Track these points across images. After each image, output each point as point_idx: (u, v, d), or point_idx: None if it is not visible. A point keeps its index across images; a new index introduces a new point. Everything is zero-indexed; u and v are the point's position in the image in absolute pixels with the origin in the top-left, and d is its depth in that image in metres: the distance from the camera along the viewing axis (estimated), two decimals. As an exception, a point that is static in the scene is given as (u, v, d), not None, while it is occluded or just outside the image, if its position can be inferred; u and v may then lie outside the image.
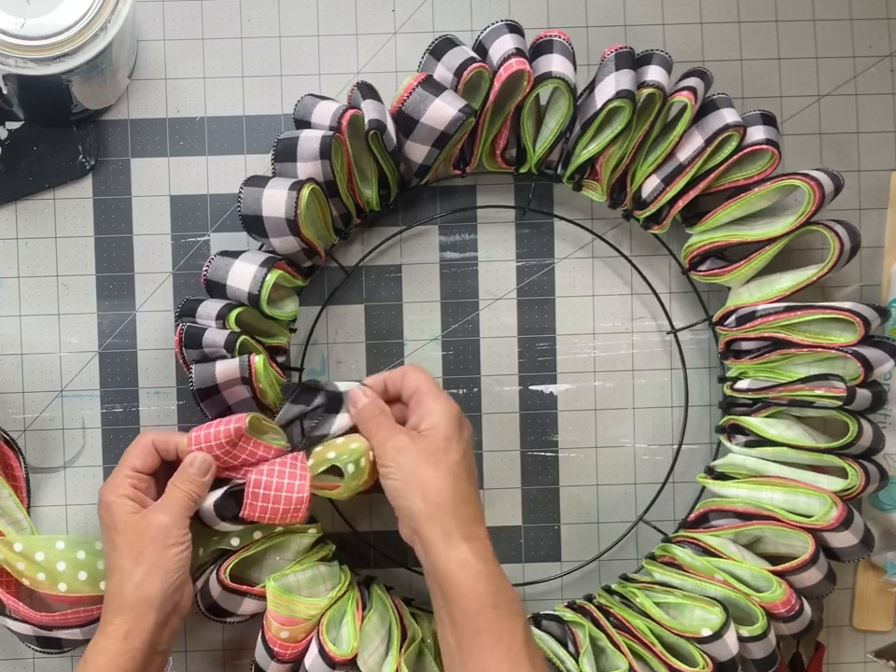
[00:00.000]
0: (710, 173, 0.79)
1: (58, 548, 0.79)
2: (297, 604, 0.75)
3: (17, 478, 0.82)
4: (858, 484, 0.78)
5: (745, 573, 0.79)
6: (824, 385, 0.78)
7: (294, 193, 0.75)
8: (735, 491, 0.81)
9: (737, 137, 0.78)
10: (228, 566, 0.77)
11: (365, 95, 0.77)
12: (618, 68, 0.77)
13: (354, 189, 0.80)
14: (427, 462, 0.73)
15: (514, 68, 0.75)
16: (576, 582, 0.87)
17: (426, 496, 0.72)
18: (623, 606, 0.82)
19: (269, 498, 0.74)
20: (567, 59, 0.78)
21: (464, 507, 0.73)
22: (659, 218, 0.83)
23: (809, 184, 0.77)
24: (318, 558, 0.80)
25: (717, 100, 0.79)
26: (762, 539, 0.81)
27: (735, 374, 0.84)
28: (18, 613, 0.79)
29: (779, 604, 0.77)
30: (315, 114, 0.78)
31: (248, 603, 0.78)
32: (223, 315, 0.77)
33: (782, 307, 0.79)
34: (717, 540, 0.81)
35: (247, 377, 0.76)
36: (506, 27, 0.78)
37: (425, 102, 0.76)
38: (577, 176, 0.83)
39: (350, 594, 0.79)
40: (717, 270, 0.82)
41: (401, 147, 0.79)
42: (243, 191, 0.77)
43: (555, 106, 0.80)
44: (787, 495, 0.79)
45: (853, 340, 0.78)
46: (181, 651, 0.85)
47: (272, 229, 0.77)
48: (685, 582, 0.80)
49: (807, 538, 0.77)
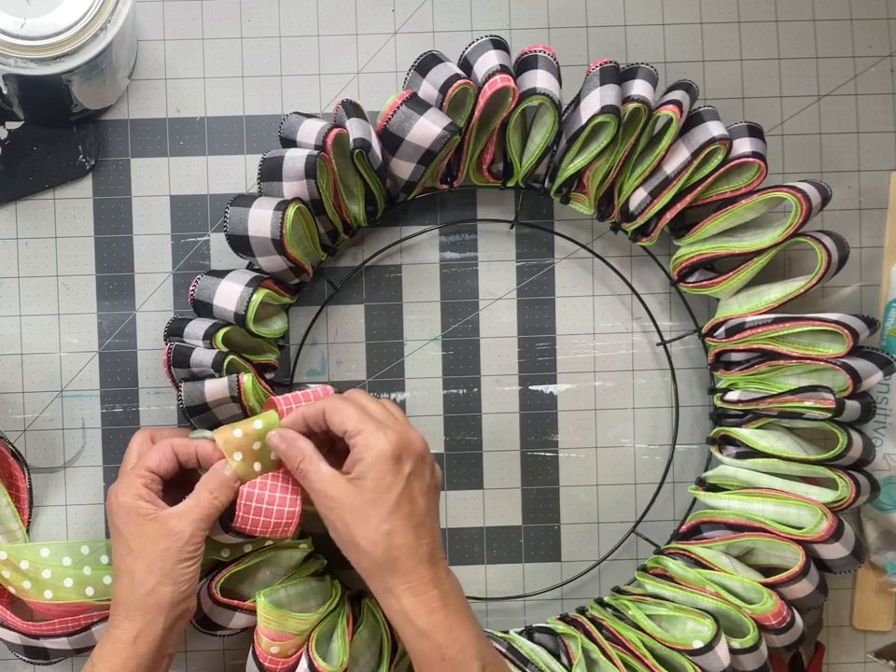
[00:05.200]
0: (697, 185, 0.79)
1: (42, 556, 0.79)
2: (287, 619, 0.75)
3: (20, 489, 0.82)
4: (848, 496, 0.78)
5: (736, 585, 0.79)
6: (813, 397, 0.78)
7: (279, 213, 0.75)
8: (727, 502, 0.81)
9: (724, 150, 0.78)
10: (219, 580, 0.77)
11: (350, 114, 0.77)
12: (602, 83, 0.77)
13: (340, 206, 0.80)
14: (357, 519, 0.69)
15: (499, 85, 0.76)
16: (573, 591, 0.87)
17: (360, 555, 0.70)
18: (616, 618, 0.82)
19: (261, 511, 0.74)
20: (551, 74, 0.78)
21: (404, 558, 0.69)
22: (647, 231, 0.83)
23: (796, 196, 0.77)
24: (309, 573, 0.80)
25: (703, 112, 0.80)
26: (753, 551, 0.81)
27: (725, 385, 0.84)
28: (6, 622, 0.79)
29: (770, 616, 0.77)
30: (301, 132, 0.78)
31: (239, 617, 0.78)
32: (210, 334, 0.77)
33: (771, 319, 0.80)
34: (709, 552, 0.81)
35: (237, 396, 0.76)
36: (490, 43, 0.78)
37: (409, 120, 0.76)
38: (564, 190, 0.83)
39: (341, 609, 0.79)
40: (706, 281, 0.82)
41: (387, 165, 0.79)
42: (229, 211, 0.77)
43: (541, 121, 0.80)
44: (778, 506, 0.79)
45: (842, 351, 0.78)
46: (181, 651, 0.85)
47: (258, 248, 0.77)
48: (677, 595, 0.80)
49: (798, 549, 0.77)
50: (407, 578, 0.69)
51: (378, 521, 0.69)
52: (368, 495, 0.69)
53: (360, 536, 0.69)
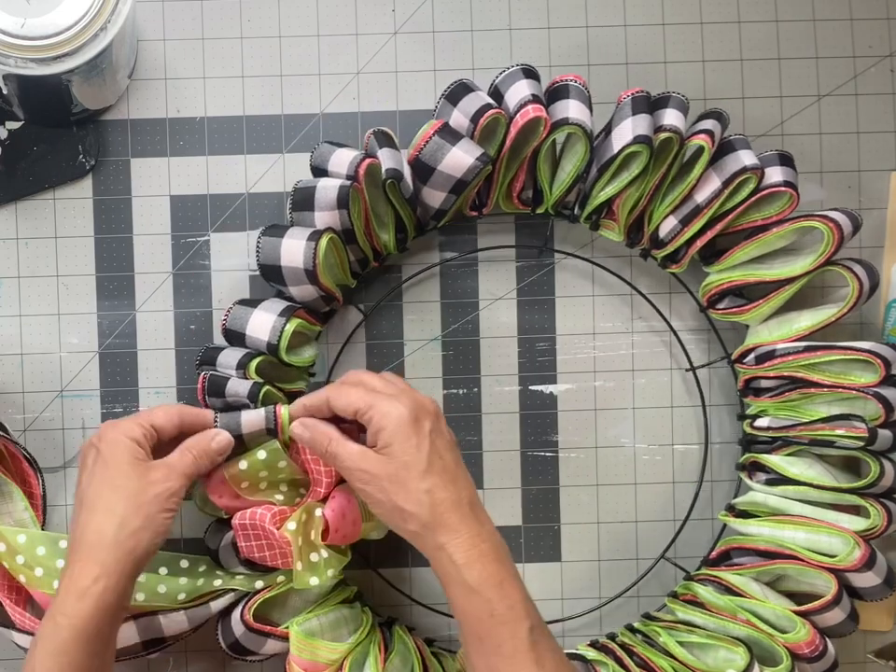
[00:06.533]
0: (728, 214, 0.79)
1: (61, 546, 0.79)
2: (320, 648, 0.75)
3: (34, 496, 0.82)
4: (880, 524, 0.78)
5: (768, 613, 0.79)
6: (845, 426, 0.78)
7: (312, 244, 0.75)
8: (757, 529, 0.81)
9: (755, 179, 0.77)
10: (252, 605, 0.77)
11: (381, 143, 0.77)
12: (634, 112, 0.76)
13: (371, 235, 0.80)
14: (395, 485, 0.70)
15: (531, 115, 0.75)
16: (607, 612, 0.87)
17: (405, 520, 0.70)
18: (647, 645, 0.81)
19: (260, 537, 0.75)
20: (583, 104, 0.78)
21: (449, 513, 0.70)
22: (677, 258, 0.83)
23: (828, 226, 0.76)
24: (340, 600, 0.80)
25: (734, 141, 0.79)
26: (783, 577, 0.81)
27: (755, 412, 0.83)
28: (24, 626, 0.78)
29: (804, 644, 0.76)
30: (332, 162, 0.78)
31: (271, 644, 0.78)
32: (243, 364, 0.77)
33: (802, 346, 0.79)
34: (739, 579, 0.80)
35: (273, 428, 0.77)
36: (521, 72, 0.78)
37: (442, 150, 0.76)
38: (594, 217, 0.82)
39: (372, 636, 0.79)
40: (735, 308, 0.82)
41: (418, 193, 0.79)
42: (261, 241, 0.77)
43: (572, 150, 0.80)
44: (809, 534, 0.79)
45: (874, 380, 0.78)
46: (181, 651, 0.85)
47: (290, 278, 0.77)
48: (708, 622, 0.80)
49: (830, 578, 0.77)
50: (457, 533, 0.69)
51: (416, 482, 0.70)
52: (399, 459, 0.70)
53: (403, 500, 0.70)
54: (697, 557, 0.85)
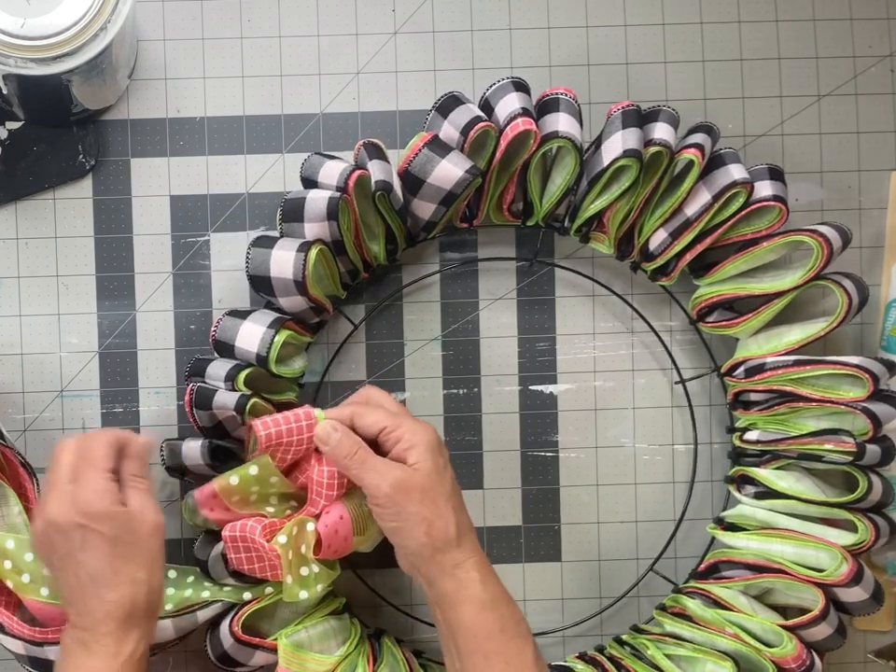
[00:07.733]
0: (718, 227, 0.79)
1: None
2: (308, 661, 0.76)
3: (29, 500, 0.82)
4: (868, 539, 0.78)
5: (756, 627, 0.79)
6: (834, 440, 0.78)
7: (302, 255, 0.75)
8: (746, 543, 0.81)
9: (745, 194, 0.78)
10: (241, 618, 0.77)
11: (371, 155, 0.77)
12: (625, 126, 0.77)
13: (361, 246, 0.80)
14: (427, 499, 0.72)
15: (521, 128, 0.76)
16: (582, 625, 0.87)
17: (430, 534, 0.71)
18: (634, 658, 0.81)
19: (249, 549, 0.75)
20: (573, 117, 0.78)
21: (469, 533, 0.73)
22: (667, 270, 0.83)
23: (818, 240, 0.77)
24: (328, 612, 0.80)
25: (724, 155, 0.79)
26: (771, 591, 0.81)
27: (744, 425, 0.83)
28: (12, 630, 0.78)
29: (790, 659, 0.77)
30: (322, 173, 0.78)
31: (259, 655, 0.78)
32: (232, 376, 0.77)
33: (791, 361, 0.79)
34: (727, 592, 0.80)
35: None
36: (512, 85, 0.78)
37: (431, 162, 0.76)
38: (584, 229, 0.82)
39: (361, 647, 0.79)
40: (725, 322, 0.82)
41: (408, 205, 0.79)
42: (251, 252, 0.77)
43: (562, 163, 0.80)
44: (797, 548, 0.79)
45: (862, 395, 0.78)
46: (181, 651, 0.85)
47: (279, 289, 0.77)
48: (696, 635, 0.80)
49: (818, 592, 0.77)
50: (473, 552, 0.72)
51: (444, 499, 0.72)
52: (431, 476, 0.72)
53: (434, 514, 0.72)
54: (697, 557, 0.85)
